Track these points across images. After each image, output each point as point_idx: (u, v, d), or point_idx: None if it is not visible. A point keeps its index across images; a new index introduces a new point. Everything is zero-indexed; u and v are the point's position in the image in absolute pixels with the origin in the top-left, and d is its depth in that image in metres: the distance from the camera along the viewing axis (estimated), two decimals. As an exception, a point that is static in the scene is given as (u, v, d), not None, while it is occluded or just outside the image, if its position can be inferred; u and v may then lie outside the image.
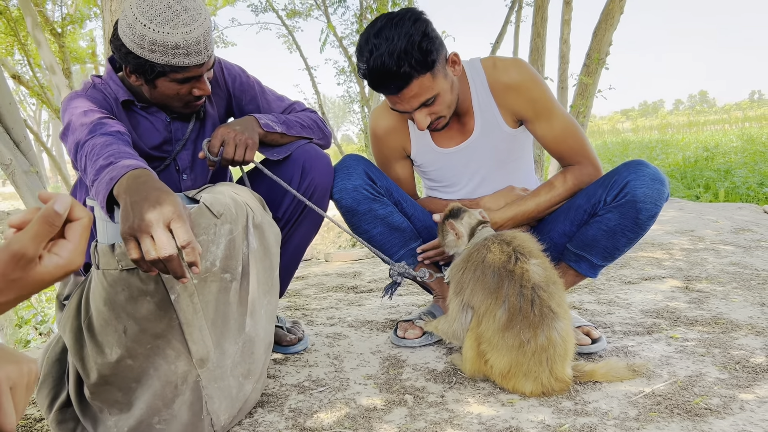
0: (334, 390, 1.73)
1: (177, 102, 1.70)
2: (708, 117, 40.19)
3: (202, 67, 1.63)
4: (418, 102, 1.80)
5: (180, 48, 1.53)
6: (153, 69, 1.58)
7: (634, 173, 1.79)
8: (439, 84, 1.80)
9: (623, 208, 1.80)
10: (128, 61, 1.59)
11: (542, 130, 1.94)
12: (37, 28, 6.78)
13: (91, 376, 1.39)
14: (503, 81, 1.94)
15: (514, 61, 1.96)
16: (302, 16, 10.47)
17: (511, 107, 1.96)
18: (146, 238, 1.16)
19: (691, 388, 1.61)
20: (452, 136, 2.03)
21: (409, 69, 1.72)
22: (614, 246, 1.86)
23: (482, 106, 1.97)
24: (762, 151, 11.74)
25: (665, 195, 1.79)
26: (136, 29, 1.52)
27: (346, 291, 3.04)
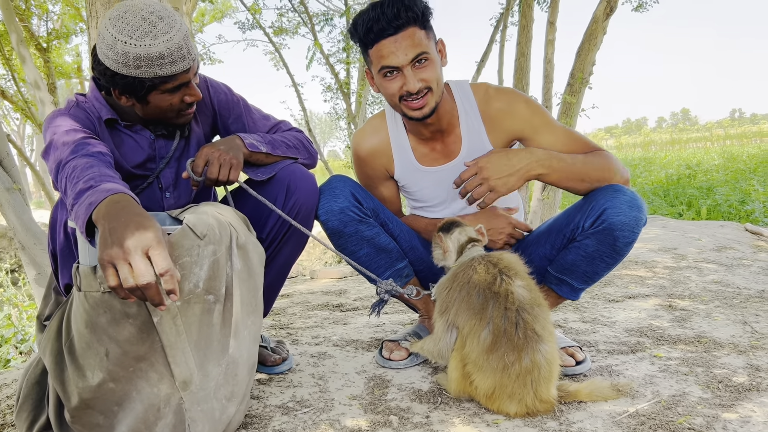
0: (319, 411, 1.72)
1: (171, 113, 1.69)
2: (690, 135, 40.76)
3: (189, 73, 1.63)
4: (413, 51, 1.79)
5: (165, 57, 1.53)
6: (143, 85, 1.58)
7: (611, 200, 1.78)
8: (432, 50, 1.83)
9: (600, 235, 1.80)
10: (116, 83, 1.59)
11: (547, 142, 1.95)
12: (22, 44, 6.74)
13: (71, 399, 1.37)
14: (498, 107, 1.97)
15: (506, 89, 2.01)
16: (289, 34, 10.50)
17: (509, 130, 1.98)
18: (124, 265, 1.15)
19: (674, 408, 1.61)
20: (436, 156, 2.04)
21: (413, 14, 1.77)
22: (593, 270, 1.87)
23: (470, 128, 1.99)
24: (743, 169, 11.92)
25: (642, 221, 1.79)
26: (118, 48, 1.52)
27: (332, 309, 3.03)
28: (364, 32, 1.82)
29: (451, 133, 2.01)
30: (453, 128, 2.00)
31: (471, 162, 1.90)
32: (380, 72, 1.85)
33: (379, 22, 1.78)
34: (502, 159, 1.83)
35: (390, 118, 2.08)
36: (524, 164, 1.83)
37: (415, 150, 2.05)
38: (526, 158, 1.84)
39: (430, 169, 2.05)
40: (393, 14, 1.76)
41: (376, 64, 1.85)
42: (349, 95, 10.17)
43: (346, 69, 10.27)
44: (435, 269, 1.94)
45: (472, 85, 2.02)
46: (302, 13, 9.67)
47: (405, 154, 2.06)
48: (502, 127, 1.98)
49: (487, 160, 1.83)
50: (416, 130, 2.01)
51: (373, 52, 1.84)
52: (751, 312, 2.49)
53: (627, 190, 1.81)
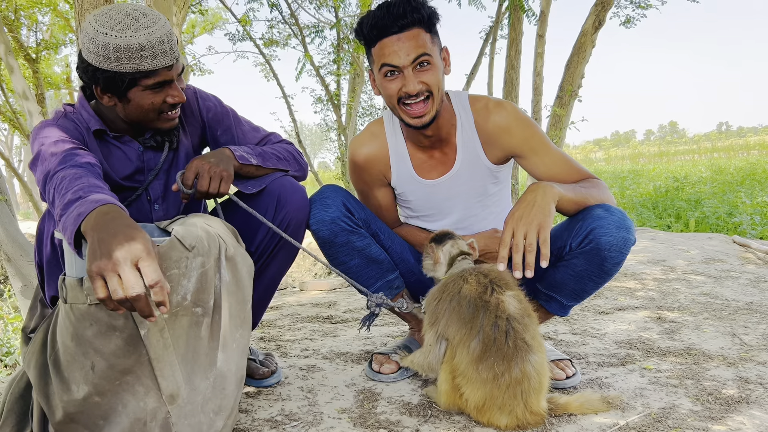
0: (308, 425, 1.70)
1: (152, 114, 1.68)
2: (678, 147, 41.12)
3: (171, 70, 1.62)
4: (415, 52, 1.78)
5: (145, 49, 1.53)
6: (123, 80, 1.57)
7: (599, 220, 1.75)
8: (435, 55, 1.83)
9: (588, 255, 1.78)
10: (97, 79, 1.59)
11: (540, 164, 1.94)
12: (10, 54, 6.72)
13: (56, 413, 1.35)
14: (496, 122, 1.95)
15: (505, 104, 1.98)
16: (279, 45, 10.53)
17: (504, 147, 1.97)
18: (113, 276, 1.14)
19: (664, 420, 1.61)
20: (434, 166, 2.04)
21: (419, 16, 1.77)
22: (582, 288, 1.86)
23: (465, 140, 1.98)
24: (730, 181, 12.02)
25: (631, 242, 1.76)
26: (98, 40, 1.52)
27: (321, 321, 3.01)
28: (368, 28, 1.82)
29: (448, 142, 2.00)
30: (450, 138, 2.00)
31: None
32: (381, 71, 1.84)
33: (384, 19, 1.78)
34: (525, 206, 1.70)
35: (388, 124, 2.07)
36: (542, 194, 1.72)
37: (413, 157, 2.04)
38: (540, 191, 1.73)
39: (426, 181, 2.05)
40: (399, 13, 1.76)
41: (377, 63, 1.84)
42: (340, 107, 10.19)
43: (337, 81, 10.29)
44: (426, 281, 1.94)
45: (471, 96, 2.01)
46: (293, 25, 9.70)
47: (403, 162, 2.05)
48: (498, 143, 1.97)
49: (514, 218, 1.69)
50: (415, 138, 2.01)
51: (375, 50, 1.84)
52: (739, 324, 2.50)
53: (615, 210, 1.78)
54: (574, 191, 1.82)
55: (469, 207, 2.07)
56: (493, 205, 2.11)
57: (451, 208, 2.07)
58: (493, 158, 2.00)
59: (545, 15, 7.47)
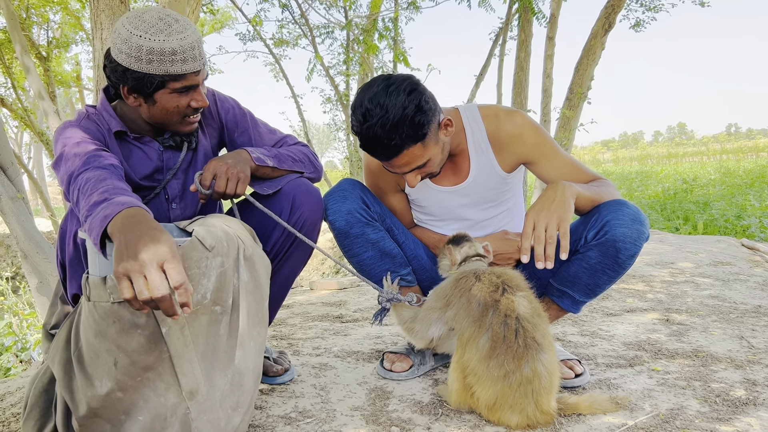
0: (321, 421, 1.73)
1: (176, 117, 1.72)
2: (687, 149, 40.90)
3: (198, 75, 1.67)
4: (408, 168, 1.84)
5: (177, 54, 1.58)
6: (152, 82, 1.62)
7: (614, 213, 1.81)
8: (430, 151, 1.83)
9: (603, 247, 1.83)
10: (126, 80, 1.63)
11: (551, 169, 1.99)
12: (26, 54, 6.79)
13: (80, 408, 1.39)
14: (507, 131, 1.99)
15: (515, 112, 2.02)
16: (290, 45, 10.58)
17: (516, 154, 2.01)
18: (139, 278, 1.18)
19: (672, 421, 1.64)
20: (447, 176, 2.07)
21: (400, 141, 1.75)
22: (595, 283, 1.90)
23: (478, 150, 2.02)
24: (739, 184, 11.98)
25: (645, 235, 1.82)
26: (132, 42, 1.57)
27: (332, 320, 3.05)
28: (359, 143, 1.86)
29: (460, 155, 2.04)
30: (462, 151, 2.04)
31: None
32: None
33: (373, 149, 1.81)
34: (545, 201, 1.76)
35: None
36: (561, 191, 1.78)
37: None
38: (560, 189, 1.79)
39: (440, 188, 2.08)
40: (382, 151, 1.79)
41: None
42: (349, 107, 10.23)
43: (346, 81, 10.34)
44: (437, 279, 1.97)
45: (481, 107, 2.05)
46: (303, 25, 9.75)
47: None
48: (510, 150, 2.01)
49: (535, 211, 1.75)
50: None
51: None
52: (747, 327, 2.52)
53: (630, 205, 1.84)
54: (589, 190, 1.87)
55: (483, 211, 2.11)
56: (507, 210, 2.15)
57: (464, 214, 2.11)
58: (506, 166, 2.03)
59: (555, 17, 7.48)
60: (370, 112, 1.74)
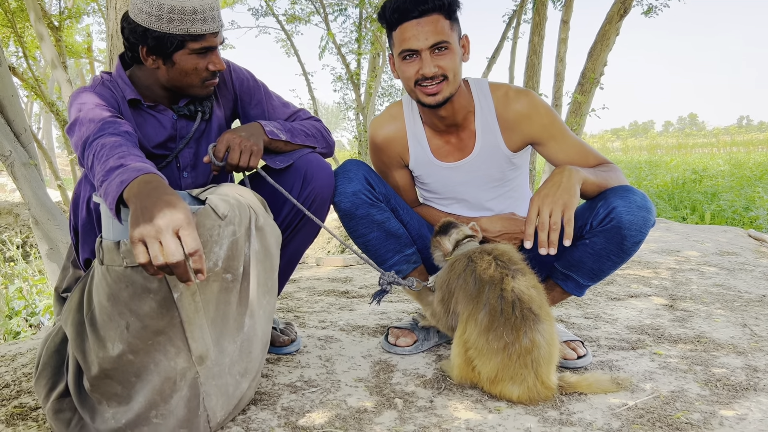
0: (326, 391, 1.77)
1: (195, 79, 1.74)
2: (697, 140, 40.57)
3: (216, 38, 1.70)
4: (433, 38, 1.83)
5: (197, 13, 1.61)
6: (172, 41, 1.64)
7: (621, 199, 1.81)
8: (453, 41, 1.86)
9: (609, 233, 1.83)
10: (146, 40, 1.65)
11: (559, 151, 2.00)
12: (40, 22, 6.78)
13: (92, 368, 1.42)
14: (517, 109, 1.99)
15: (525, 91, 2.02)
16: (302, 22, 10.51)
17: (523, 134, 2.01)
18: (155, 243, 1.20)
19: (673, 403, 1.66)
20: (451, 151, 2.08)
21: (439, 2, 1.81)
22: (600, 268, 1.91)
23: (485, 127, 2.02)
24: (748, 176, 11.91)
25: (651, 222, 1.82)
26: (153, 1, 1.60)
27: (338, 295, 3.08)
28: (390, 12, 1.86)
29: (466, 128, 2.04)
30: (468, 124, 2.04)
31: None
32: (400, 55, 1.89)
33: (405, 3, 1.82)
34: (551, 186, 1.76)
35: (407, 107, 2.11)
36: (568, 176, 1.78)
37: (430, 141, 2.09)
38: (566, 174, 1.79)
39: (443, 164, 2.09)
40: (419, 4, 1.80)
41: (397, 47, 1.89)
42: (359, 86, 10.20)
43: (357, 60, 10.29)
44: (442, 258, 1.99)
45: (492, 84, 2.05)
46: (316, 1, 9.69)
47: (420, 144, 2.09)
48: (518, 130, 2.01)
49: (540, 197, 1.76)
50: (431, 122, 2.05)
51: (396, 34, 1.88)
52: (751, 315, 2.53)
53: (637, 191, 1.84)
54: (596, 175, 1.87)
55: (487, 191, 2.11)
56: (511, 191, 2.15)
57: (468, 192, 2.12)
58: (512, 145, 2.03)
59: (570, 0, 7.41)
60: None
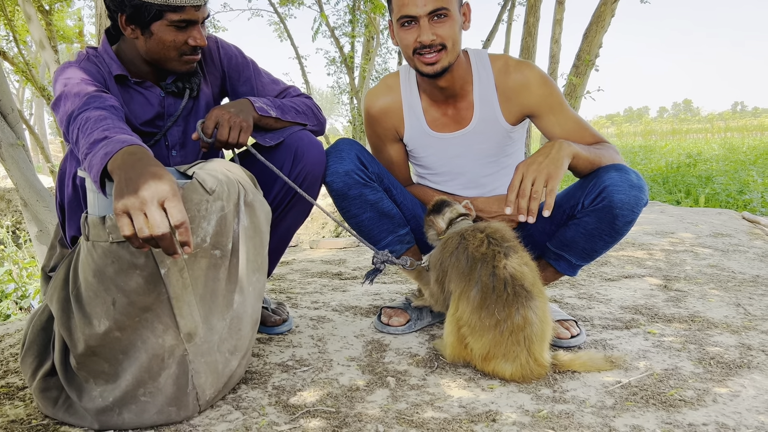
0: (317, 370, 1.75)
1: (173, 53, 1.70)
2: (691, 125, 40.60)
3: (198, 11, 1.65)
4: (432, 4, 1.80)
5: None
6: (150, 11, 1.60)
7: (613, 178, 1.79)
8: (453, 8, 1.83)
9: (600, 212, 1.82)
10: (124, 8, 1.62)
11: (555, 124, 1.97)
12: (28, 2, 6.70)
13: (78, 346, 1.39)
14: (516, 80, 1.96)
15: (525, 62, 1.99)
16: (295, 4, 10.41)
17: (523, 104, 1.98)
18: (139, 215, 1.17)
19: (666, 381, 1.65)
20: (447, 123, 2.05)
21: None
22: (592, 248, 1.90)
23: (482, 98, 1.99)
24: (743, 160, 11.93)
25: (643, 201, 1.80)
26: None
27: (331, 277, 3.06)
28: None
29: (464, 99, 2.01)
30: (466, 94, 2.00)
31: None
32: (399, 21, 1.86)
33: None
34: (539, 156, 1.75)
35: (404, 78, 2.08)
36: (557, 148, 1.77)
37: (427, 113, 2.05)
38: (557, 146, 1.77)
39: (439, 135, 2.06)
40: None
41: (396, 12, 1.86)
42: (353, 69, 10.13)
43: (351, 43, 10.21)
44: (436, 238, 1.97)
45: (491, 55, 2.02)
46: (309, -17, 9.60)
47: (416, 115, 2.06)
48: (516, 101, 1.98)
49: (525, 164, 1.75)
50: (429, 91, 2.02)
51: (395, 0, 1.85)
52: (745, 295, 2.53)
53: (630, 170, 1.82)
54: (589, 151, 1.85)
55: (483, 166, 2.08)
56: (507, 168, 2.12)
57: (463, 167, 2.09)
58: (510, 117, 2.00)
59: (566, -18, 7.36)
60: None
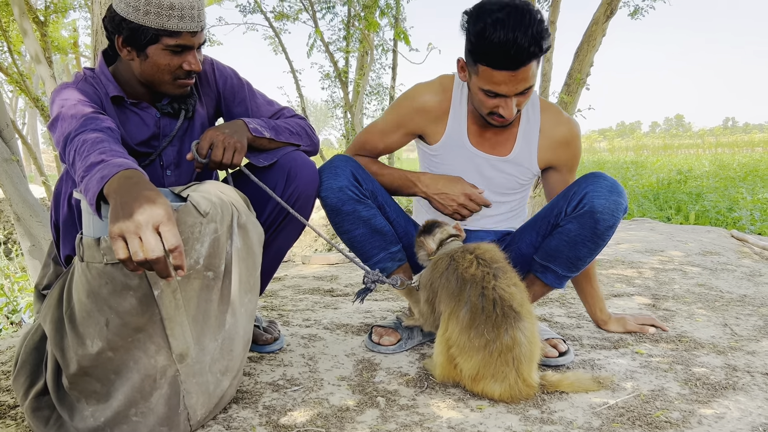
0: (308, 389, 1.76)
1: (167, 76, 1.72)
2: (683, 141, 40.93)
3: (194, 37, 1.67)
4: (522, 86, 1.81)
5: (175, 9, 1.59)
6: (146, 34, 1.62)
7: (592, 185, 1.87)
8: (536, 76, 1.85)
9: (582, 218, 1.88)
10: (121, 30, 1.64)
11: (562, 182, 2.12)
12: (25, 18, 6.72)
13: (70, 366, 1.41)
14: (562, 133, 2.08)
15: (573, 120, 2.12)
16: (290, 19, 10.47)
17: (556, 157, 2.11)
18: (134, 239, 1.18)
19: (653, 402, 1.67)
20: (484, 143, 2.09)
21: (537, 49, 1.74)
22: (576, 256, 1.94)
23: (526, 136, 2.08)
24: (732, 177, 12.04)
25: (623, 206, 1.87)
26: None
27: (323, 294, 3.07)
28: (482, 51, 1.77)
29: (509, 130, 2.08)
30: (512, 127, 2.07)
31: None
32: (482, 88, 1.84)
33: (506, 57, 1.73)
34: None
35: (457, 88, 2.09)
36: None
37: (469, 127, 2.09)
38: None
39: (476, 151, 2.09)
40: (522, 59, 1.73)
41: (482, 81, 1.83)
42: (347, 84, 10.19)
43: (346, 58, 10.27)
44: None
45: (542, 100, 2.11)
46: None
47: (459, 125, 2.08)
48: (553, 152, 2.09)
49: None
50: (477, 115, 2.04)
51: (484, 70, 1.80)
52: (732, 315, 2.56)
53: (608, 177, 1.90)
54: None
55: (493, 193, 2.14)
56: (510, 203, 2.20)
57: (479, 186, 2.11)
58: (541, 163, 2.12)
59: (557, 1, 7.45)
60: (521, 12, 1.72)
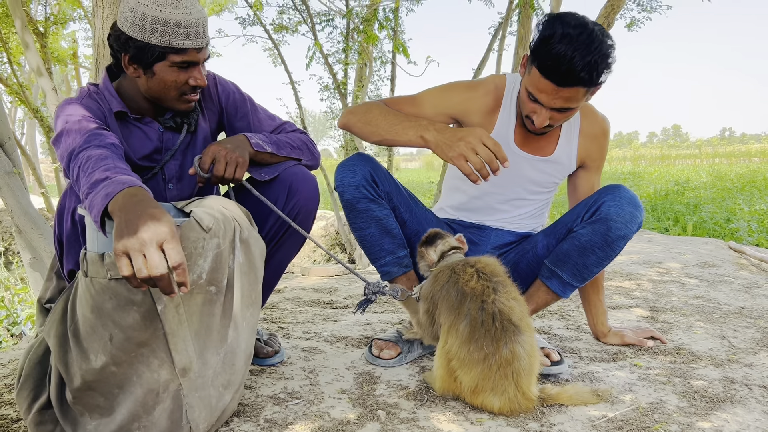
0: (309, 403, 1.77)
1: (174, 92, 1.74)
2: (680, 151, 41.01)
3: (200, 53, 1.70)
4: (561, 104, 1.82)
5: (181, 27, 1.62)
6: (153, 52, 1.65)
7: (611, 195, 1.93)
8: (580, 103, 1.86)
9: (595, 224, 1.92)
10: (128, 48, 1.66)
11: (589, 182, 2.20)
12: (26, 30, 6.75)
13: (74, 380, 1.42)
14: (598, 127, 2.15)
15: (606, 118, 2.18)
16: (289, 31, 10.51)
17: (589, 151, 2.16)
18: (138, 256, 1.20)
19: (651, 415, 1.68)
20: (526, 143, 2.12)
21: (587, 77, 1.74)
22: (584, 263, 1.96)
23: (568, 136, 2.13)
24: (730, 187, 12.08)
25: (637, 220, 1.91)
26: (138, 11, 1.61)
27: (323, 306, 3.08)
28: (540, 54, 1.77)
29: (552, 133, 2.13)
30: (555, 130, 2.12)
31: None
32: (527, 87, 1.87)
33: (556, 70, 1.74)
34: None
35: (509, 88, 2.11)
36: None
37: (516, 130, 2.12)
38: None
39: (519, 151, 2.11)
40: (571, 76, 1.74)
41: (530, 80, 1.85)
42: (346, 95, 10.21)
43: (344, 70, 10.30)
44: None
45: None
46: (303, 11, 9.71)
47: (506, 126, 2.11)
48: (588, 149, 2.15)
49: None
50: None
51: (535, 72, 1.81)
52: (729, 327, 2.57)
53: (628, 190, 1.95)
54: None
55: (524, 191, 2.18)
56: (537, 201, 2.24)
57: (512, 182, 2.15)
58: (578, 161, 2.17)
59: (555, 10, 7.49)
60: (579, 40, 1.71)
